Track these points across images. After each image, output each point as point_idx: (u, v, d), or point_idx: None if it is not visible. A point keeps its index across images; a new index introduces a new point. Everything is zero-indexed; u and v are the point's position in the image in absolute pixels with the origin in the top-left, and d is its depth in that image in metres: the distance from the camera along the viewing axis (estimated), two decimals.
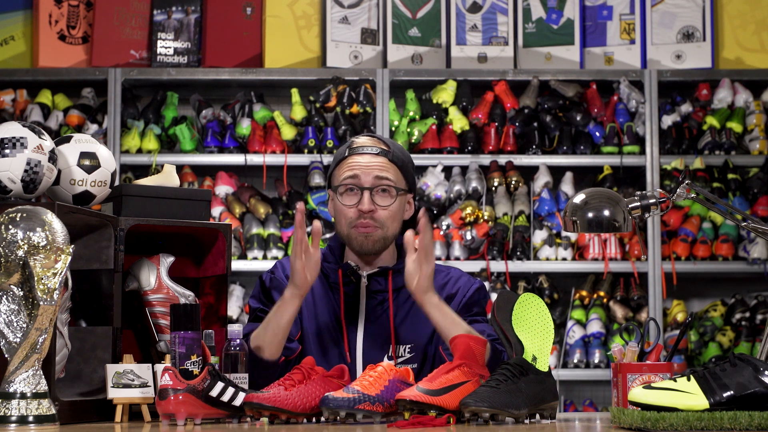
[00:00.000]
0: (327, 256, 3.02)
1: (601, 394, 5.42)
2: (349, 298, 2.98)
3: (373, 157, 2.95)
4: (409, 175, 3.01)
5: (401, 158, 2.98)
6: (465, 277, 3.04)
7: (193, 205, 2.88)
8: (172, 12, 5.54)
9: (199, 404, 2.47)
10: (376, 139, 3.00)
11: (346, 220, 2.95)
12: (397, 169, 2.96)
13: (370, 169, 2.93)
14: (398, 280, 2.97)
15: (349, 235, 2.96)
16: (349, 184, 2.94)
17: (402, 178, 2.98)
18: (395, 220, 2.96)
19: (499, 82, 5.46)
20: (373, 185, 2.93)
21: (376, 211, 2.92)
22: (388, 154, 2.96)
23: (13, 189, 2.54)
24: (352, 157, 2.96)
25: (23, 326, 2.37)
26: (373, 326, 2.95)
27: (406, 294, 2.94)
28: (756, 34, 5.53)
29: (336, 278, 2.98)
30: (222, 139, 5.40)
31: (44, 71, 5.45)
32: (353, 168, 2.94)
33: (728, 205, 2.86)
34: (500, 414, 2.37)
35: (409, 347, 2.93)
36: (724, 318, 5.36)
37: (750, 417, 2.16)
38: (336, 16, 5.51)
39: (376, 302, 2.97)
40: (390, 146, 2.98)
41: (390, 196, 2.94)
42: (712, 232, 5.35)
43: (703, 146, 5.39)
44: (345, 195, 2.95)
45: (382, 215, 2.93)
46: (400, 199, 2.97)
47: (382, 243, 2.95)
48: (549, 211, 5.33)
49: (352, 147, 2.98)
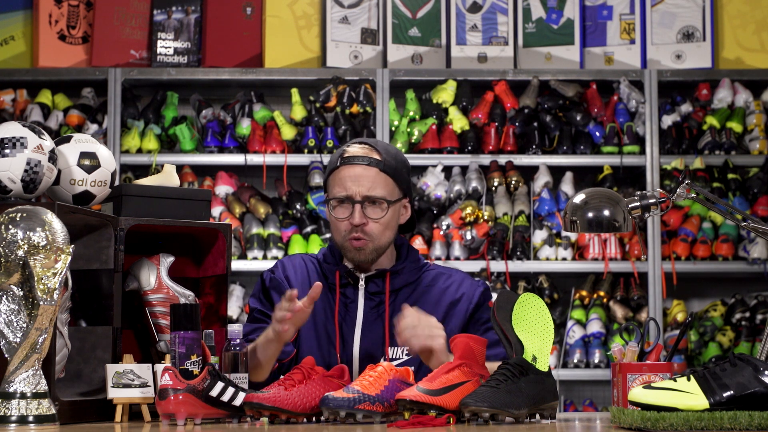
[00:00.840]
0: (327, 257, 3.02)
1: (601, 394, 5.42)
2: (348, 299, 2.98)
3: (364, 168, 2.93)
4: (403, 180, 2.99)
5: (393, 166, 2.96)
6: (468, 281, 3.03)
7: (193, 205, 2.88)
8: (172, 12, 5.54)
9: (199, 404, 2.47)
10: (368, 148, 2.97)
11: (339, 233, 2.96)
12: (389, 178, 2.94)
13: (360, 180, 2.92)
14: (396, 281, 2.97)
15: (343, 247, 2.97)
16: (340, 198, 2.94)
17: (395, 186, 2.96)
18: (388, 229, 2.95)
19: (499, 82, 5.46)
20: (364, 198, 2.92)
21: (367, 224, 2.92)
22: (380, 164, 2.93)
23: (13, 189, 2.54)
24: (343, 168, 2.94)
25: (23, 326, 2.37)
26: (371, 328, 2.95)
27: (404, 296, 2.94)
28: (756, 34, 5.53)
29: (334, 280, 2.99)
30: (222, 139, 5.40)
31: (44, 71, 5.45)
32: (344, 180, 2.93)
33: (728, 205, 2.86)
34: (500, 414, 2.37)
35: (407, 349, 2.92)
36: (724, 318, 5.36)
37: (750, 417, 2.16)
38: (336, 16, 5.51)
39: (374, 304, 2.97)
40: (382, 154, 2.95)
41: (381, 209, 2.93)
42: (712, 232, 5.35)
43: (703, 146, 5.39)
44: (337, 208, 2.95)
45: (373, 228, 2.93)
46: (393, 208, 2.96)
47: (374, 254, 2.96)
48: (549, 211, 5.33)
49: (343, 157, 2.96)
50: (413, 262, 3.02)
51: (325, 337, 2.95)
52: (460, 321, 2.96)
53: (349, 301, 2.97)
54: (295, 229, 5.34)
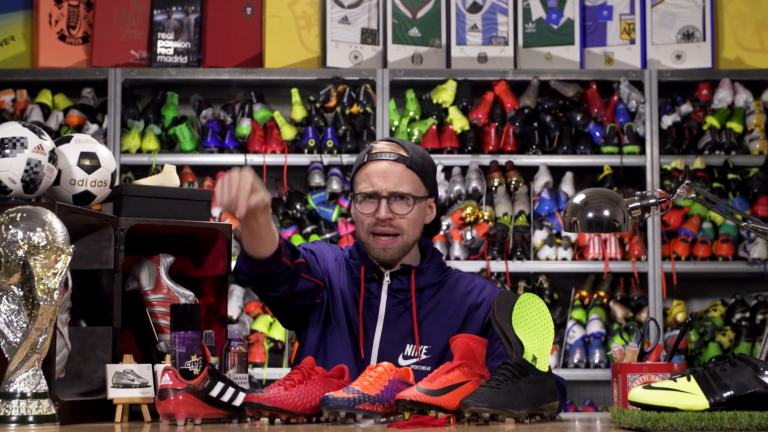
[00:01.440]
0: (353, 253, 3.03)
1: (601, 394, 5.42)
2: (371, 294, 2.98)
3: (391, 164, 2.94)
4: (429, 179, 3.00)
5: (420, 163, 2.97)
6: (489, 287, 3.03)
7: (193, 205, 2.88)
8: (172, 12, 5.54)
9: (199, 404, 2.47)
10: (396, 145, 2.99)
11: (363, 227, 2.95)
12: (415, 175, 2.95)
13: (387, 176, 2.93)
14: (420, 280, 2.97)
15: (367, 243, 2.96)
16: (367, 193, 2.94)
17: (421, 184, 2.97)
18: (415, 226, 2.96)
19: (499, 82, 5.46)
20: (390, 194, 2.93)
21: (394, 218, 2.93)
22: (407, 161, 2.95)
23: (13, 189, 2.54)
24: (370, 164, 2.96)
25: (23, 326, 2.37)
26: (393, 324, 2.95)
27: (428, 296, 2.95)
28: (756, 34, 5.53)
29: (359, 274, 2.99)
30: (222, 139, 5.40)
31: (44, 71, 5.45)
32: (371, 176, 2.94)
33: (728, 205, 2.86)
34: (500, 414, 2.37)
35: (426, 349, 2.93)
36: (724, 318, 5.36)
37: (750, 417, 2.16)
38: (336, 16, 5.51)
39: (396, 301, 2.97)
40: (409, 151, 2.96)
41: (407, 204, 2.94)
42: (712, 232, 5.35)
43: (703, 146, 5.39)
44: (363, 203, 2.95)
45: (401, 223, 2.93)
46: (419, 205, 2.96)
47: (400, 252, 2.95)
48: (549, 211, 5.33)
49: (370, 153, 2.97)
50: (438, 264, 3.03)
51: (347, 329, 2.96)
52: (479, 326, 2.96)
53: (372, 296, 2.98)
54: (295, 229, 5.34)
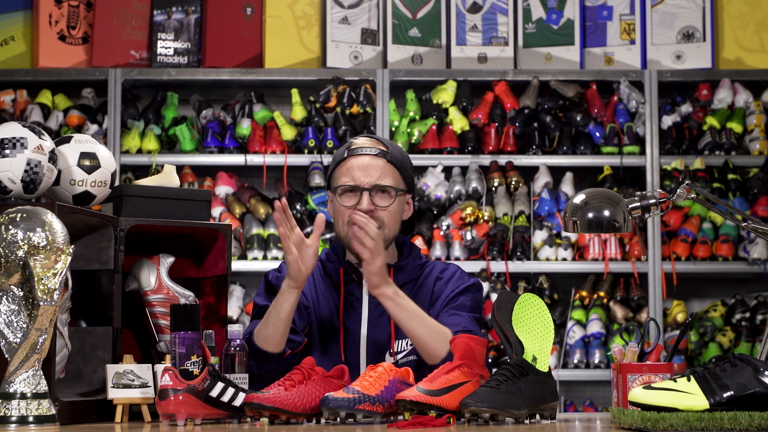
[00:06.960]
0: (330, 256, 3.04)
1: (601, 395, 5.42)
2: (352, 296, 2.99)
3: (371, 158, 2.97)
4: (408, 175, 3.03)
5: (400, 159, 3.00)
6: (459, 272, 3.05)
7: (193, 205, 2.88)
8: (172, 12, 5.54)
9: (199, 404, 2.47)
10: (375, 140, 3.02)
11: (343, 220, 2.96)
12: (395, 169, 2.99)
13: (368, 170, 2.95)
14: (399, 277, 2.98)
15: (346, 236, 2.97)
16: (348, 186, 2.95)
17: (401, 179, 3.00)
18: (395, 220, 2.98)
19: (499, 82, 5.46)
20: (372, 186, 2.94)
21: (375, 211, 2.94)
22: (387, 155, 2.98)
23: (13, 189, 2.54)
24: (351, 158, 2.98)
25: (23, 326, 2.37)
26: (377, 323, 2.97)
27: (408, 290, 2.96)
28: (756, 34, 5.53)
29: (338, 278, 3.00)
30: (222, 139, 5.40)
31: (44, 71, 5.45)
32: (352, 169, 2.96)
33: (728, 206, 2.86)
34: (500, 414, 2.37)
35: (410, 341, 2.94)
36: (724, 318, 5.36)
37: (750, 417, 2.16)
38: (336, 17, 5.51)
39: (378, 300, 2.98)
40: (389, 147, 3.01)
41: (389, 197, 2.96)
42: (712, 233, 5.35)
43: (703, 146, 5.39)
44: (344, 196, 2.97)
45: (383, 215, 2.95)
46: (399, 199, 2.99)
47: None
48: (549, 211, 5.33)
49: (351, 148, 3.00)
50: (415, 258, 3.05)
51: (331, 333, 2.97)
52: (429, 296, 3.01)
53: (353, 298, 3.00)
54: None
